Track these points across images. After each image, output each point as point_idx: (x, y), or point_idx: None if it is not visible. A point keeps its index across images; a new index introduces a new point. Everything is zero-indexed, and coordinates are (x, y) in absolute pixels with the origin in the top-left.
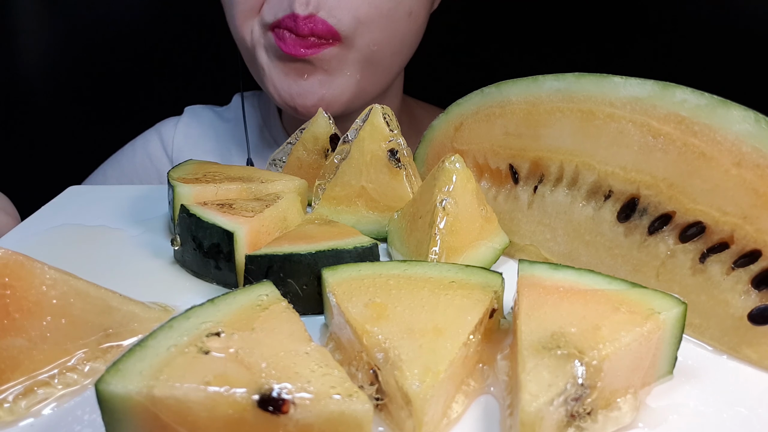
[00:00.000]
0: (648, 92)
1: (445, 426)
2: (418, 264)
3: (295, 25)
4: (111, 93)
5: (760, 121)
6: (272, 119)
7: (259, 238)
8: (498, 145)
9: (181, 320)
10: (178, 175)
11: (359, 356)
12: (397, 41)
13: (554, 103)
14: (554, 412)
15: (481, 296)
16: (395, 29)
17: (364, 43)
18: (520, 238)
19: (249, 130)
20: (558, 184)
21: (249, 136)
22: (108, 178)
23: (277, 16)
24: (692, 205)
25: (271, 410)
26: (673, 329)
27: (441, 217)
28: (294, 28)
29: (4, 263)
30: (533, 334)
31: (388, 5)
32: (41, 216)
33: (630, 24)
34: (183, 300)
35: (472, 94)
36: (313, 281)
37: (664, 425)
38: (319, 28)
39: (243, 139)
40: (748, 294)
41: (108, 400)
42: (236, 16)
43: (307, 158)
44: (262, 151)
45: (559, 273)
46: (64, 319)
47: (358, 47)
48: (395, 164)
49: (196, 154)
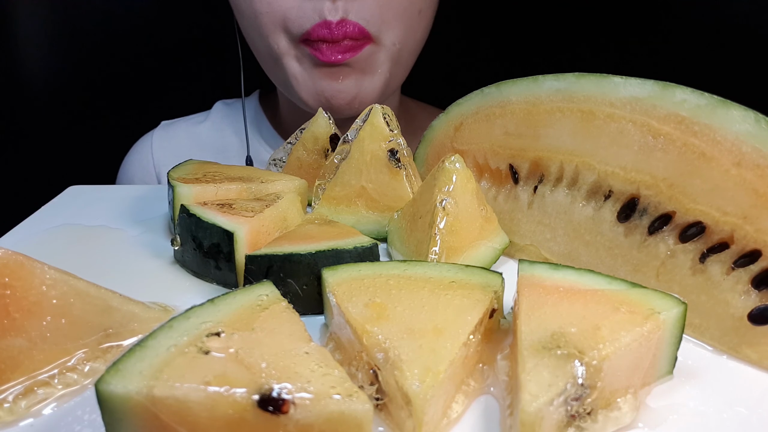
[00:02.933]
0: (648, 92)
1: (445, 426)
2: (418, 264)
3: (330, 31)
4: (112, 92)
5: (760, 121)
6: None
7: (259, 238)
8: (498, 145)
9: (181, 320)
10: (178, 175)
11: (359, 356)
12: (413, 39)
13: (554, 103)
14: (554, 412)
15: (481, 296)
16: (411, 27)
17: (389, 41)
18: (520, 238)
19: (228, 136)
20: (558, 184)
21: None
22: None
23: (305, 27)
24: (692, 205)
25: (271, 410)
26: (673, 329)
27: (441, 217)
28: (328, 35)
29: (4, 263)
30: (533, 334)
31: (404, 5)
32: (41, 216)
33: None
34: (183, 300)
35: (472, 94)
36: (313, 281)
37: (664, 425)
38: (352, 31)
39: (221, 146)
40: (748, 294)
41: (108, 400)
42: (263, 28)
43: (307, 158)
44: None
45: (559, 273)
46: (64, 319)
47: (386, 46)
48: (395, 164)
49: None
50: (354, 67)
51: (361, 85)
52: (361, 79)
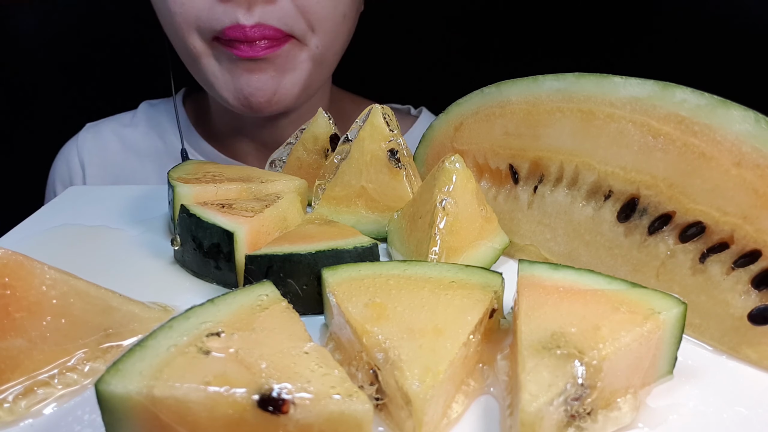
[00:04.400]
0: (648, 92)
1: (445, 426)
2: (418, 264)
3: (244, 33)
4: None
5: (760, 121)
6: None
7: (259, 238)
8: (498, 145)
9: (181, 320)
10: (178, 175)
11: (359, 356)
12: (338, 42)
13: (554, 103)
14: (554, 412)
15: (481, 296)
16: (335, 31)
17: (313, 44)
18: (520, 238)
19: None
20: (558, 184)
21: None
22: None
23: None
24: (692, 205)
25: (271, 410)
26: (673, 329)
27: (441, 217)
28: (242, 36)
29: (4, 263)
30: (533, 334)
31: (326, 9)
32: (41, 216)
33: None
34: (183, 300)
35: (472, 94)
36: (313, 281)
37: (664, 425)
38: (269, 33)
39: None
40: (748, 294)
41: (108, 400)
42: (178, 28)
43: (307, 158)
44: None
45: (559, 273)
46: (64, 319)
47: (309, 47)
48: (395, 164)
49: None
50: (273, 63)
51: (279, 83)
52: (280, 76)
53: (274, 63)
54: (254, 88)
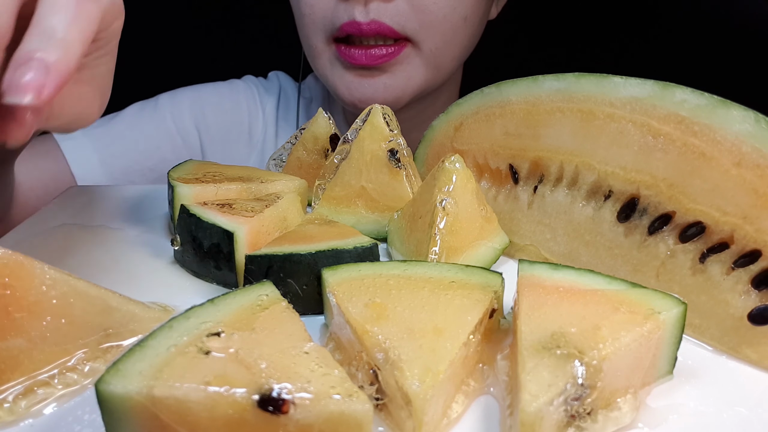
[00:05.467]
0: (648, 92)
1: (445, 426)
2: (418, 264)
3: (359, 29)
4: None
5: (760, 121)
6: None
7: (259, 238)
8: (498, 145)
9: (181, 320)
10: (178, 175)
11: (359, 356)
12: (455, 45)
13: (554, 103)
14: (554, 412)
15: (481, 296)
16: (453, 33)
17: (427, 47)
18: (520, 238)
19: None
20: (558, 184)
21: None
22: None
23: (336, 25)
24: (692, 205)
25: (271, 410)
26: (673, 329)
27: (441, 217)
28: (357, 32)
29: (4, 263)
30: (533, 334)
31: (444, 10)
32: (41, 216)
33: (630, 24)
34: (183, 300)
35: (472, 94)
36: (313, 281)
37: (664, 425)
38: (383, 30)
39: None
40: (748, 294)
41: (108, 400)
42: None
43: (307, 158)
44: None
45: (559, 273)
46: (64, 319)
47: (423, 51)
48: (395, 164)
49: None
50: (386, 70)
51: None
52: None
53: (387, 70)
54: (365, 95)
